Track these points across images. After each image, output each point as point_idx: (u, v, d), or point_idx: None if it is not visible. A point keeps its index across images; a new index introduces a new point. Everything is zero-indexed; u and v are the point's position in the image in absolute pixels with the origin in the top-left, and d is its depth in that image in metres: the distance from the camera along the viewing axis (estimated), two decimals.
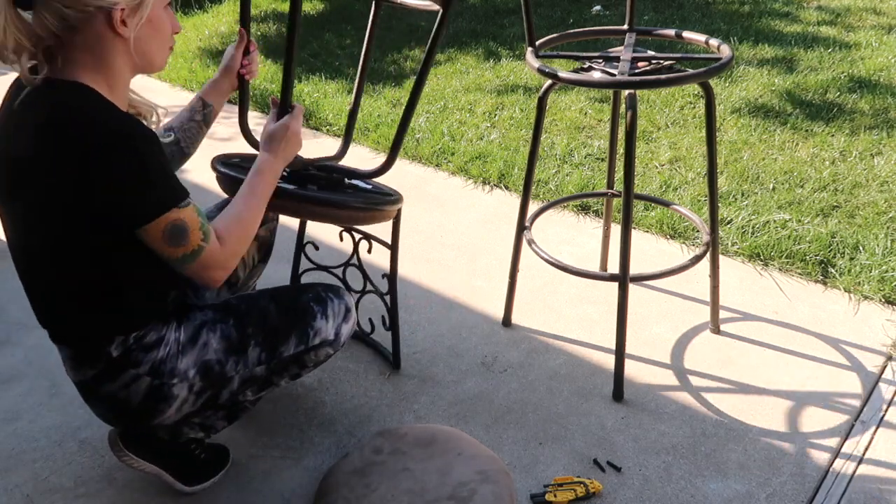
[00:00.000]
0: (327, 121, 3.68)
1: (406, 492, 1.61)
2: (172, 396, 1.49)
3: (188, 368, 1.49)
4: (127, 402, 1.47)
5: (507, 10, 5.42)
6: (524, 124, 3.55)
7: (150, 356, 1.46)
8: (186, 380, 1.49)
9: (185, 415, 1.56)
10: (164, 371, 1.47)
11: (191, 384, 1.50)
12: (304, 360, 1.62)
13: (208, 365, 1.51)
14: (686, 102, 3.69)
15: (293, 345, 1.59)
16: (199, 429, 1.67)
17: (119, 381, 1.45)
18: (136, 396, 1.47)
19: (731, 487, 1.68)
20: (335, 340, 1.64)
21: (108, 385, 1.46)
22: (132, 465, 1.62)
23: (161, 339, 1.47)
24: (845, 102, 3.60)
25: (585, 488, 1.66)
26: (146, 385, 1.46)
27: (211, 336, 1.52)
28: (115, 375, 1.45)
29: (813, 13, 5.02)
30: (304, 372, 1.66)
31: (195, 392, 1.52)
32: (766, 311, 2.26)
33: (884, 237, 2.51)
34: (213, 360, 1.52)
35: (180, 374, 1.48)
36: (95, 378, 1.46)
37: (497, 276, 2.47)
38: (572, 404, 1.94)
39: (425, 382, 2.03)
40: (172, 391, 1.48)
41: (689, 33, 1.95)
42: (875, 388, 1.96)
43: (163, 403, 1.49)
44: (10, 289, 2.50)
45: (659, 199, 2.39)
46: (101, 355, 1.43)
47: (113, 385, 1.45)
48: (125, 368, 1.44)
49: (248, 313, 1.58)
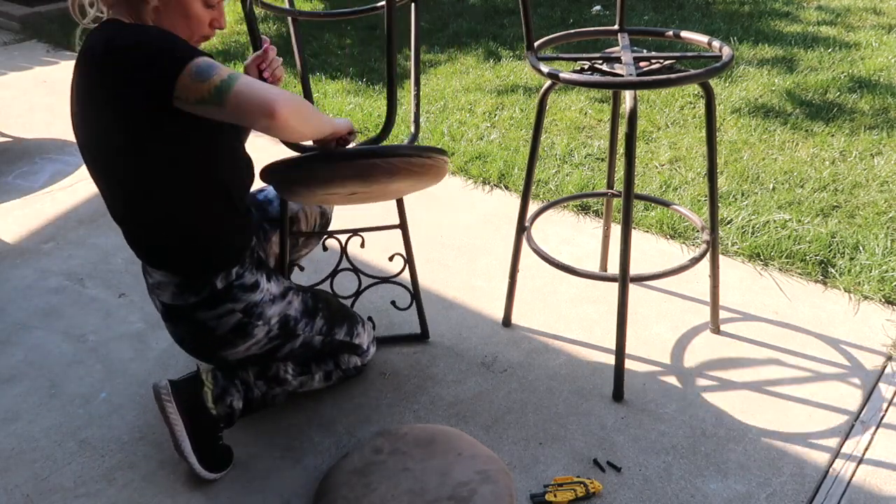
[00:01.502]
0: None
1: (406, 492, 1.61)
2: (251, 335, 1.68)
3: (273, 316, 1.70)
4: (213, 331, 1.65)
5: (507, 10, 5.42)
6: (524, 124, 3.55)
7: (247, 296, 1.65)
8: (268, 325, 1.70)
9: (246, 357, 1.74)
10: (255, 312, 1.67)
11: (269, 329, 1.70)
12: (340, 356, 1.92)
13: (287, 318, 1.73)
14: (686, 102, 3.69)
15: (343, 332, 1.87)
16: (241, 388, 1.80)
17: (215, 311, 1.63)
18: (224, 327, 1.65)
19: (731, 487, 1.68)
20: (365, 352, 1.96)
21: (204, 312, 1.63)
22: (169, 414, 1.69)
23: (257, 284, 1.67)
24: (845, 102, 3.60)
25: (585, 488, 1.66)
26: (236, 320, 1.65)
27: (294, 297, 1.76)
28: (214, 305, 1.63)
29: (813, 13, 5.02)
30: (334, 375, 1.93)
31: (269, 337, 1.72)
32: (766, 311, 2.26)
33: (884, 237, 2.51)
34: (291, 316, 1.74)
35: (266, 318, 1.69)
36: (195, 304, 1.63)
37: (497, 276, 2.48)
38: (572, 404, 1.94)
39: (425, 382, 2.03)
40: (254, 331, 1.68)
41: (686, 33, 1.95)
42: (875, 388, 1.96)
43: (241, 339, 1.68)
44: (11, 289, 2.51)
45: (659, 199, 2.39)
46: (206, 286, 1.61)
47: (208, 313, 1.63)
48: (224, 302, 1.63)
49: (317, 294, 1.86)
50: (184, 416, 1.70)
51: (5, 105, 4.15)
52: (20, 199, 3.11)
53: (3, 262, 2.67)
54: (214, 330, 1.65)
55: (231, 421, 1.78)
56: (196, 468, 1.70)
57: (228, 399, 1.77)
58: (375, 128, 3.57)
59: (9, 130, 3.80)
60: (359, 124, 3.59)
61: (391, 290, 2.30)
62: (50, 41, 5.29)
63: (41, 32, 5.43)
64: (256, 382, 1.82)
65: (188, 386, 1.73)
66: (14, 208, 3.04)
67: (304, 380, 1.89)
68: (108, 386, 2.05)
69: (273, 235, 1.98)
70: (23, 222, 2.92)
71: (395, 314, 2.23)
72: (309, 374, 1.90)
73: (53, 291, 2.48)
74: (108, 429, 1.91)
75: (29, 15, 5.67)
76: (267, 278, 1.71)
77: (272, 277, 1.74)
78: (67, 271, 2.59)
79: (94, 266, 2.61)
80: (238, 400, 1.78)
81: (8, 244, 2.78)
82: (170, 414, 1.69)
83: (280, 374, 1.84)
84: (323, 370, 1.92)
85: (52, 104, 4.16)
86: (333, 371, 1.94)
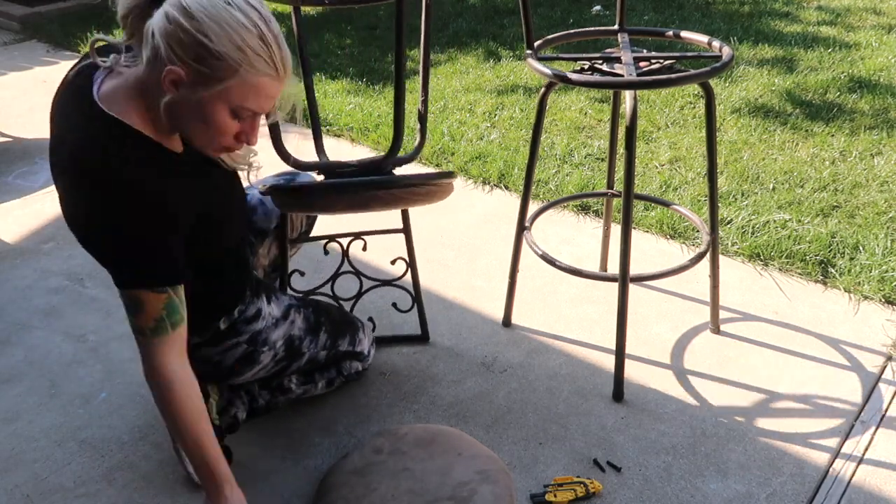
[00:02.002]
0: (327, 121, 3.68)
1: (406, 492, 1.61)
2: (258, 362, 1.67)
3: (277, 339, 1.69)
4: (220, 364, 1.64)
5: (507, 10, 5.42)
6: (524, 124, 3.55)
7: (250, 327, 1.63)
8: (273, 349, 1.69)
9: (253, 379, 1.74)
10: (260, 340, 1.65)
11: (275, 353, 1.69)
12: (343, 364, 1.90)
13: (292, 339, 1.72)
14: (686, 102, 3.69)
15: (346, 342, 1.86)
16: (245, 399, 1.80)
17: (220, 347, 1.62)
18: (230, 360, 1.64)
19: (731, 487, 1.68)
20: (367, 356, 1.95)
21: (208, 350, 1.61)
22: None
23: (259, 313, 1.65)
24: (845, 102, 3.60)
25: (585, 488, 1.66)
26: (242, 351, 1.64)
27: (297, 315, 1.74)
28: (218, 343, 1.61)
29: (813, 13, 5.02)
30: (337, 382, 1.92)
31: (276, 360, 1.71)
32: (766, 311, 2.26)
33: (884, 237, 2.51)
34: (296, 336, 1.73)
35: (271, 343, 1.67)
36: (198, 344, 1.59)
37: (497, 276, 2.47)
38: (572, 404, 1.94)
39: (425, 382, 2.03)
40: (261, 357, 1.67)
41: (686, 33, 1.95)
42: (875, 388, 1.96)
43: (248, 366, 1.67)
44: (11, 289, 2.51)
45: (659, 199, 2.39)
46: (209, 328, 1.58)
47: (213, 350, 1.62)
48: (229, 338, 1.61)
49: (318, 306, 1.83)
50: None
51: (5, 105, 4.15)
52: (20, 199, 3.10)
53: (3, 262, 2.67)
54: (221, 363, 1.65)
55: (233, 430, 1.79)
56: (195, 477, 1.68)
57: (233, 411, 1.77)
58: (375, 128, 3.57)
59: (9, 130, 3.79)
60: (359, 124, 3.59)
61: (392, 292, 2.30)
62: (50, 41, 5.29)
63: (41, 32, 5.43)
64: (261, 392, 1.82)
65: None
66: (14, 208, 3.03)
67: (307, 388, 1.89)
68: (108, 386, 2.05)
69: (259, 248, 1.92)
70: (23, 222, 2.92)
71: (395, 315, 2.23)
72: (312, 382, 1.90)
73: (53, 291, 2.48)
74: (108, 429, 1.91)
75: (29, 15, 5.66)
76: (267, 301, 1.69)
77: (272, 298, 1.71)
78: (67, 271, 2.59)
79: (94, 266, 2.61)
80: (242, 411, 1.79)
81: (8, 244, 2.78)
82: None
83: (284, 385, 1.85)
84: (326, 378, 1.92)
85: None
86: (336, 378, 1.93)
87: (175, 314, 1.33)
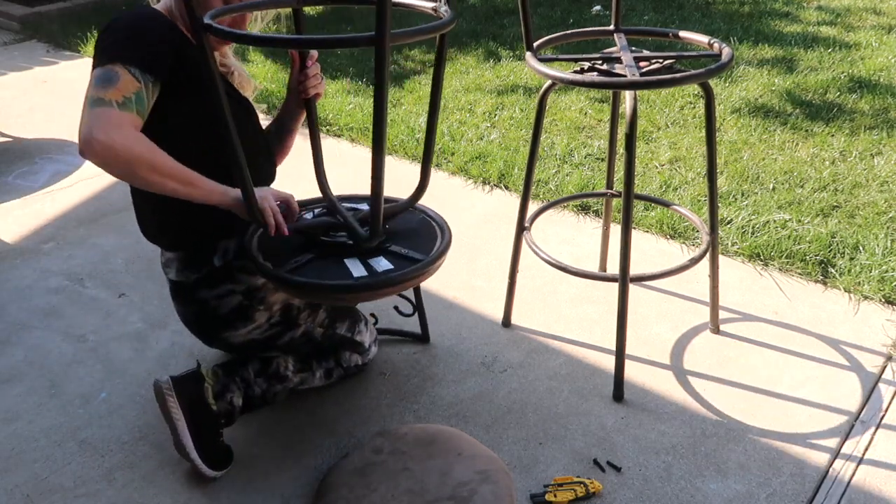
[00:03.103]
0: (327, 121, 3.68)
1: (406, 492, 1.61)
2: (252, 319, 1.74)
3: (275, 303, 1.76)
4: (215, 311, 1.72)
5: (507, 10, 5.42)
6: (524, 124, 3.55)
7: (247, 279, 1.71)
8: (269, 310, 1.76)
9: (247, 341, 1.78)
10: (256, 297, 1.73)
11: (270, 315, 1.76)
12: (342, 353, 1.94)
13: (290, 306, 1.78)
14: (686, 102, 3.69)
15: (345, 328, 1.90)
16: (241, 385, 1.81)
17: (215, 291, 1.71)
18: (225, 308, 1.72)
19: (731, 487, 1.68)
20: (367, 350, 1.98)
21: (205, 291, 1.71)
22: (171, 409, 1.69)
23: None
24: (845, 102, 3.60)
25: (585, 488, 1.66)
26: (237, 301, 1.72)
27: None
28: (214, 284, 1.70)
29: (813, 13, 5.03)
30: (335, 373, 1.95)
31: (270, 323, 1.77)
32: (765, 311, 2.26)
33: (884, 237, 2.51)
34: (294, 305, 1.79)
35: (267, 304, 1.75)
36: (197, 282, 1.71)
37: (497, 276, 2.48)
38: (572, 404, 1.94)
39: (425, 382, 2.03)
40: (255, 315, 1.74)
41: (685, 33, 1.95)
42: (875, 388, 1.96)
43: (242, 322, 1.74)
44: (11, 289, 2.51)
45: (659, 199, 2.39)
46: (205, 263, 1.69)
47: (209, 293, 1.71)
48: (224, 281, 1.70)
49: None
50: (185, 412, 1.70)
51: (5, 105, 4.15)
52: (20, 199, 3.11)
53: (3, 262, 2.67)
54: (216, 310, 1.72)
55: (231, 419, 1.78)
56: (198, 464, 1.70)
57: (229, 395, 1.77)
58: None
59: (9, 130, 3.80)
60: (359, 124, 3.59)
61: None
62: (50, 41, 5.29)
63: (41, 32, 5.43)
64: (256, 380, 1.82)
65: (189, 382, 1.73)
66: (14, 208, 3.04)
67: (304, 376, 1.89)
68: (108, 386, 2.05)
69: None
70: (23, 222, 2.92)
71: (395, 316, 2.23)
72: (309, 370, 1.90)
73: (53, 291, 2.48)
74: (108, 429, 1.91)
75: (29, 15, 5.67)
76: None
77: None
78: (67, 271, 2.59)
79: (94, 266, 2.61)
80: (238, 397, 1.78)
81: (8, 244, 2.78)
82: (171, 409, 1.69)
83: (280, 371, 1.85)
84: (324, 367, 1.93)
85: (52, 104, 4.16)
86: (334, 369, 1.95)
87: (141, 104, 1.43)
